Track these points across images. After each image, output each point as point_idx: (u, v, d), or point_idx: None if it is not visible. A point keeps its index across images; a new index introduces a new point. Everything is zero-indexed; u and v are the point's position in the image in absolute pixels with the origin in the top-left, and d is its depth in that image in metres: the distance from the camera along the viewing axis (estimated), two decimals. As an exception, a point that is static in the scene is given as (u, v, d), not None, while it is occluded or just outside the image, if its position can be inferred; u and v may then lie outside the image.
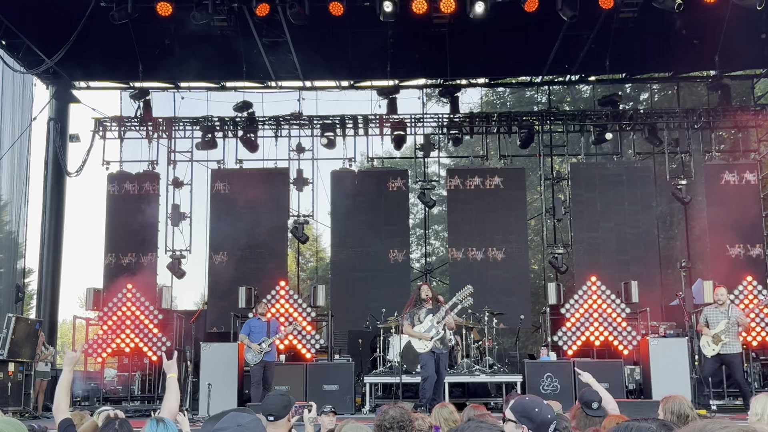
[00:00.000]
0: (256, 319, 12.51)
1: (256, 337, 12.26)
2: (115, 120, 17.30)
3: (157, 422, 3.60)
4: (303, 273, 26.70)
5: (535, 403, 3.69)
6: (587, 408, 5.75)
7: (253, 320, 12.56)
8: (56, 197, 17.01)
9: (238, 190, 16.59)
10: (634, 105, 23.42)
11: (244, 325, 12.63)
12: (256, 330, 12.34)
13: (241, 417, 2.81)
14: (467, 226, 16.66)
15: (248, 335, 12.33)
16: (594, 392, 5.98)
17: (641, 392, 13.30)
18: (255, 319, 12.54)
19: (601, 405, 5.82)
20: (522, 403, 3.74)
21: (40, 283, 16.93)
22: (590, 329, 14.15)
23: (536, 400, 3.72)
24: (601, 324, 14.15)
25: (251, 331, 12.36)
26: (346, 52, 15.82)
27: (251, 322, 12.51)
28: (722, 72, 16.74)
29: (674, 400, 5.27)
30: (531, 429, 3.61)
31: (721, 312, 11.26)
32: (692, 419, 5.18)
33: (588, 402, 5.79)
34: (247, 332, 12.38)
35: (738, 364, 11.35)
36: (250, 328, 12.42)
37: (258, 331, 12.32)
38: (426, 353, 10.39)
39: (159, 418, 3.65)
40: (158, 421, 3.61)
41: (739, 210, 15.83)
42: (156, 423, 3.59)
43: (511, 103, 27.54)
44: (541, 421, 3.59)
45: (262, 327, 12.34)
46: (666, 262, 17.19)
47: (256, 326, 12.39)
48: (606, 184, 16.66)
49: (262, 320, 12.47)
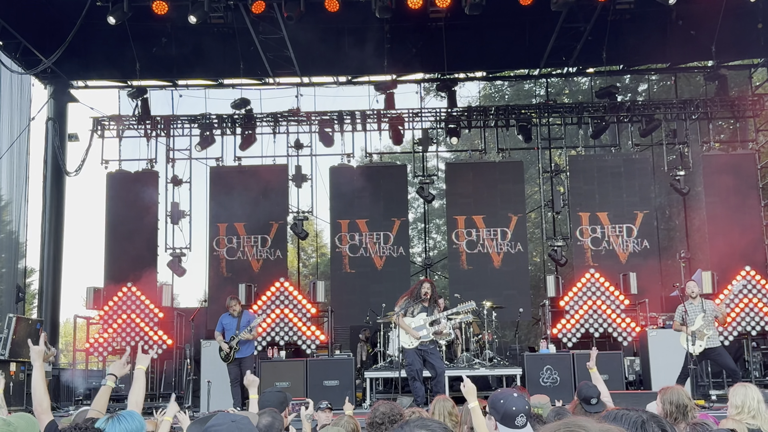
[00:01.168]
0: (228, 315, 12.12)
1: (227, 334, 11.96)
2: (114, 119, 17.33)
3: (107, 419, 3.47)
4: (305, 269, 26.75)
5: (502, 396, 3.77)
6: (586, 404, 5.78)
7: (224, 316, 12.19)
8: (56, 197, 17.04)
9: (237, 187, 16.61)
10: (632, 96, 23.41)
11: (218, 324, 12.26)
12: (227, 327, 11.99)
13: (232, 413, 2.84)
14: (467, 219, 16.67)
15: (222, 332, 12.01)
16: (592, 387, 6.01)
17: (641, 383, 13.35)
18: (226, 315, 12.15)
19: (600, 400, 5.86)
20: (493, 395, 3.83)
21: (41, 283, 16.97)
22: (590, 321, 14.18)
23: (505, 393, 3.79)
24: (600, 316, 14.18)
25: (224, 328, 12.02)
26: (342, 47, 15.83)
27: (223, 319, 12.15)
28: (719, 62, 16.74)
29: (672, 390, 5.29)
30: (497, 420, 3.69)
31: (695, 306, 11.10)
32: (690, 409, 5.21)
33: (587, 398, 5.83)
34: (220, 330, 12.05)
35: (724, 353, 11.24)
36: (222, 325, 12.08)
37: (229, 327, 11.96)
38: (411, 350, 10.40)
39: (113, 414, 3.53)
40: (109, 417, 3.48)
41: (738, 200, 15.85)
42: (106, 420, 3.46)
43: (509, 97, 27.53)
44: (505, 412, 3.67)
45: (232, 323, 11.98)
46: (665, 253, 17.20)
47: (227, 323, 12.04)
48: (604, 176, 16.66)
49: (234, 316, 12.06)
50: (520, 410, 3.70)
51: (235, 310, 12.08)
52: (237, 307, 12.16)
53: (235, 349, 11.77)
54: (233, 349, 11.76)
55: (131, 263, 15.89)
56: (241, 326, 11.84)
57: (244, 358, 11.86)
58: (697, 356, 10.76)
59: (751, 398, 5.23)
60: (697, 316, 10.88)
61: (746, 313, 14.02)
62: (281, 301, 14.41)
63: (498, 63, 17.95)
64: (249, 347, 12.03)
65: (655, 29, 15.83)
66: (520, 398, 3.79)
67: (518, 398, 3.77)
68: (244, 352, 11.90)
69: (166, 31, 15.79)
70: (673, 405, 5.13)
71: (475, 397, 4.49)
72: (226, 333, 11.95)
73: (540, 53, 16.30)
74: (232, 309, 12.06)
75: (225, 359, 11.85)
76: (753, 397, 5.24)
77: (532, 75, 18.96)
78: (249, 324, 11.92)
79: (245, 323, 11.91)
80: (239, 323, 11.88)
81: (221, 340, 11.89)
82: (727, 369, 11.18)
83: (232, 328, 11.86)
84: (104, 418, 3.48)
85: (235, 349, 11.77)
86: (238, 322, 11.91)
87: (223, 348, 11.80)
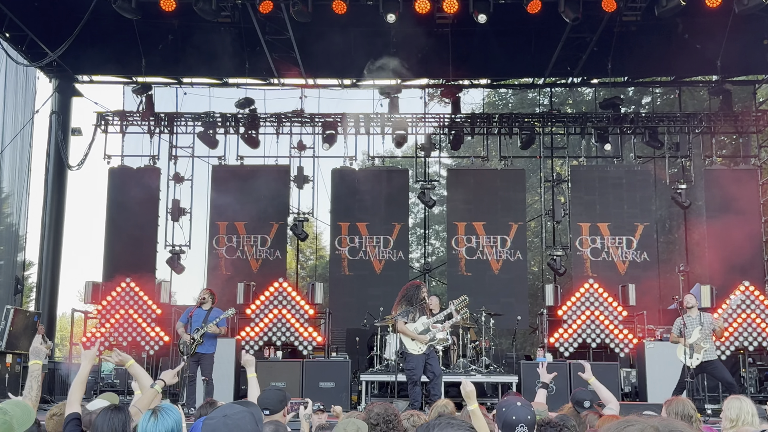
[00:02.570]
0: (198, 308, 11.46)
1: (193, 327, 11.17)
2: (117, 114, 17.35)
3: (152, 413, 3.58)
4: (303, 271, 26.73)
5: (505, 404, 3.75)
6: (579, 407, 5.80)
7: (195, 308, 11.55)
8: (57, 190, 17.04)
9: (239, 186, 16.61)
10: (635, 108, 23.44)
11: (183, 314, 11.60)
12: (194, 318, 11.22)
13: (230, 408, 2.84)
14: (467, 226, 16.68)
15: (186, 324, 11.27)
16: (586, 392, 6.03)
17: (637, 395, 13.34)
18: (196, 308, 11.50)
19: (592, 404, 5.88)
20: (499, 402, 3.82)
21: (39, 276, 16.97)
22: (587, 331, 14.17)
23: (508, 401, 3.77)
24: (598, 326, 14.17)
25: (189, 320, 11.25)
26: (348, 50, 15.84)
27: (191, 310, 11.47)
28: (724, 77, 16.75)
29: (678, 402, 5.30)
30: (499, 426, 3.68)
31: (693, 319, 11.07)
32: (695, 420, 5.23)
33: (580, 401, 5.86)
34: (185, 321, 11.32)
35: (721, 366, 11.22)
36: (188, 317, 11.32)
37: (196, 319, 11.21)
38: (418, 356, 10.33)
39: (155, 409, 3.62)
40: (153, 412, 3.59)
41: (739, 215, 15.86)
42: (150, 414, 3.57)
43: (513, 105, 27.55)
44: (505, 421, 3.65)
45: (200, 316, 11.25)
46: (664, 265, 17.21)
47: (195, 314, 11.29)
48: (606, 187, 16.68)
49: (204, 309, 11.36)
50: (521, 420, 3.63)
51: (207, 304, 11.42)
52: (209, 300, 11.50)
53: (199, 342, 11.06)
54: (196, 342, 11.06)
55: (130, 259, 15.89)
56: (209, 320, 11.16)
57: (205, 354, 11.20)
58: (694, 369, 10.74)
59: (745, 412, 5.27)
60: (695, 329, 10.86)
61: (744, 328, 14.01)
62: (279, 302, 14.38)
63: (503, 71, 17.99)
64: (211, 345, 11.33)
65: (660, 42, 15.86)
66: (523, 408, 3.72)
67: (521, 408, 3.71)
68: (207, 348, 11.22)
69: (172, 29, 15.80)
70: (678, 416, 5.14)
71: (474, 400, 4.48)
72: (191, 325, 11.17)
73: (545, 62, 16.32)
74: (204, 301, 11.41)
75: (185, 351, 11.09)
76: (747, 410, 5.27)
77: (537, 84, 18.97)
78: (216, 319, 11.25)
79: (213, 318, 11.22)
80: (207, 317, 11.21)
81: (183, 332, 11.15)
82: (723, 382, 11.16)
83: (199, 321, 11.16)
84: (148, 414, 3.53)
85: (198, 342, 11.06)
86: (206, 315, 11.24)
87: (185, 339, 11.07)
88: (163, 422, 3.48)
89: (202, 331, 11.08)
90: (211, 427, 2.70)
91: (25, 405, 3.90)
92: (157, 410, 3.53)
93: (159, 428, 3.48)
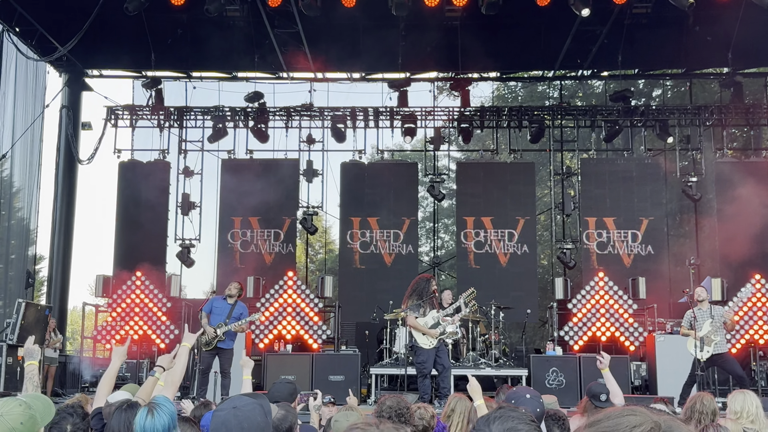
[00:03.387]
0: (221, 299, 11.35)
1: (215, 319, 11.08)
2: (127, 108, 17.39)
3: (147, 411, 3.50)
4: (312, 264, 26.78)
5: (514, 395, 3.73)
6: (596, 400, 5.79)
7: (217, 299, 11.45)
8: (68, 185, 17.10)
9: (249, 180, 16.64)
10: (646, 101, 23.33)
11: (207, 303, 11.51)
12: (217, 311, 11.14)
13: (239, 400, 2.84)
14: (476, 220, 16.66)
15: (209, 314, 11.15)
16: (601, 385, 6.01)
17: (647, 388, 13.32)
18: (220, 299, 11.41)
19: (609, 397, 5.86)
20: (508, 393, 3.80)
21: (50, 270, 17.04)
22: (597, 325, 14.16)
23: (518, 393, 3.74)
24: (608, 320, 14.15)
25: (212, 311, 11.18)
26: (357, 44, 15.82)
27: (215, 301, 11.37)
28: (735, 69, 16.65)
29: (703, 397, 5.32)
30: None
31: (704, 312, 11.04)
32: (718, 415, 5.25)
33: (596, 394, 5.84)
34: (208, 310, 11.20)
35: (731, 359, 11.17)
36: (212, 306, 11.24)
37: (219, 312, 11.12)
38: (428, 350, 10.35)
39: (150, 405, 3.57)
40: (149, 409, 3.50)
41: (750, 208, 15.76)
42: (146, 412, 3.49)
43: (523, 98, 27.48)
44: None
45: (224, 309, 11.15)
46: (675, 259, 17.15)
47: (218, 307, 11.19)
48: (616, 180, 16.62)
49: (229, 302, 11.25)
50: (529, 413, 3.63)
51: (233, 296, 11.34)
52: (236, 294, 11.41)
53: (221, 338, 10.98)
54: (218, 337, 10.97)
55: (140, 253, 15.94)
56: (233, 315, 11.11)
57: (225, 350, 11.07)
58: (704, 362, 10.71)
59: (750, 404, 5.29)
60: (705, 321, 10.82)
61: (754, 321, 13.96)
62: (289, 295, 14.42)
63: (512, 64, 17.93)
64: (231, 340, 11.20)
65: (671, 34, 15.76)
66: (532, 400, 3.70)
67: (530, 400, 3.69)
68: (227, 344, 11.10)
69: (181, 23, 15.82)
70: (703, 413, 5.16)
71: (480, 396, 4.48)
72: (213, 317, 11.11)
73: (555, 55, 16.26)
74: (227, 295, 11.33)
75: (205, 345, 10.99)
76: (752, 402, 5.30)
77: (546, 77, 18.91)
78: (241, 316, 11.18)
79: (237, 314, 11.17)
80: (231, 311, 11.13)
81: (207, 323, 11.00)
82: (734, 375, 11.11)
83: (223, 315, 11.07)
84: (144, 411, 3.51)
85: (220, 338, 10.98)
86: (231, 309, 11.14)
87: (208, 332, 10.91)
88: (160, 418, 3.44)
89: (226, 329, 10.97)
90: (221, 419, 2.71)
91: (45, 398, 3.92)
92: (153, 406, 3.50)
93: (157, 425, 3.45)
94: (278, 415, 3.82)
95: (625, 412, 1.77)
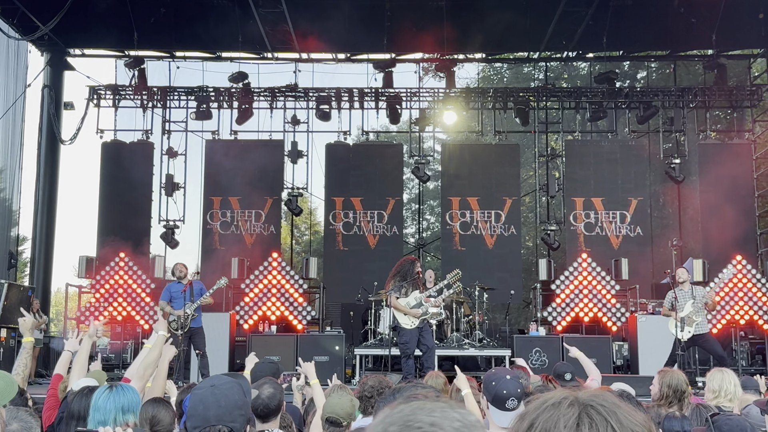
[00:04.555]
0: (176, 283, 11.37)
1: (178, 304, 11.12)
2: (110, 88, 17.24)
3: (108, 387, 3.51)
4: (298, 246, 26.76)
5: (494, 377, 3.72)
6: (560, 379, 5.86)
7: (172, 284, 11.44)
8: (50, 165, 16.98)
9: (232, 161, 16.56)
10: (631, 83, 23.39)
11: (164, 291, 11.48)
12: (176, 296, 11.18)
13: (218, 378, 2.85)
14: (462, 201, 16.69)
15: (169, 302, 11.20)
16: (566, 365, 6.10)
17: (628, 368, 13.45)
18: (174, 283, 11.41)
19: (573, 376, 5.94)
20: (487, 375, 3.80)
21: (33, 251, 16.96)
22: (580, 305, 14.25)
23: (498, 374, 3.73)
24: (591, 300, 14.24)
25: (172, 297, 11.20)
26: (342, 24, 15.74)
27: (171, 287, 11.37)
28: (719, 51, 16.71)
29: (671, 374, 5.33)
30: (489, 400, 3.67)
31: (685, 293, 11.13)
32: (687, 396, 5.27)
33: (560, 374, 5.93)
34: (167, 298, 11.23)
35: (712, 340, 11.29)
36: (170, 293, 11.26)
37: (178, 296, 11.17)
38: (411, 330, 10.38)
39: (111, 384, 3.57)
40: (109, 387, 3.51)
41: (732, 190, 15.89)
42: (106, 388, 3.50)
43: (508, 79, 27.47)
44: (495, 395, 3.63)
45: (181, 291, 11.21)
46: (658, 240, 17.27)
47: (176, 291, 11.22)
48: (600, 162, 16.67)
49: (182, 282, 11.32)
50: (512, 394, 3.59)
51: (183, 277, 11.37)
52: (186, 274, 11.46)
53: (192, 315, 11.03)
54: (190, 316, 11.01)
55: (124, 234, 15.85)
56: (195, 294, 11.11)
57: (197, 328, 11.20)
58: (685, 342, 10.82)
59: (728, 382, 5.33)
60: (687, 302, 10.92)
61: (735, 302, 14.09)
62: (273, 276, 14.41)
63: (498, 45, 17.90)
64: (199, 318, 11.31)
65: (656, 16, 15.79)
66: (513, 381, 3.70)
67: (511, 381, 3.68)
68: (197, 322, 11.23)
69: (165, 2, 15.68)
70: (670, 389, 5.18)
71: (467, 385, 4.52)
72: (174, 302, 11.14)
73: (540, 36, 16.25)
74: (180, 276, 11.34)
75: (179, 328, 10.95)
76: (730, 381, 5.35)
77: (532, 58, 18.90)
78: (202, 291, 11.21)
79: (198, 290, 11.18)
80: (191, 291, 11.12)
81: (171, 309, 11.05)
82: (715, 355, 11.23)
83: (184, 297, 11.08)
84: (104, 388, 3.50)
85: (192, 315, 11.03)
86: (190, 290, 11.14)
87: (178, 315, 10.92)
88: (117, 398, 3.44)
89: (196, 304, 11.04)
90: (199, 396, 2.72)
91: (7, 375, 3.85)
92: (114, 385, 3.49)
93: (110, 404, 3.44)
94: (267, 393, 3.84)
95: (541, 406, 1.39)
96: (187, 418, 2.74)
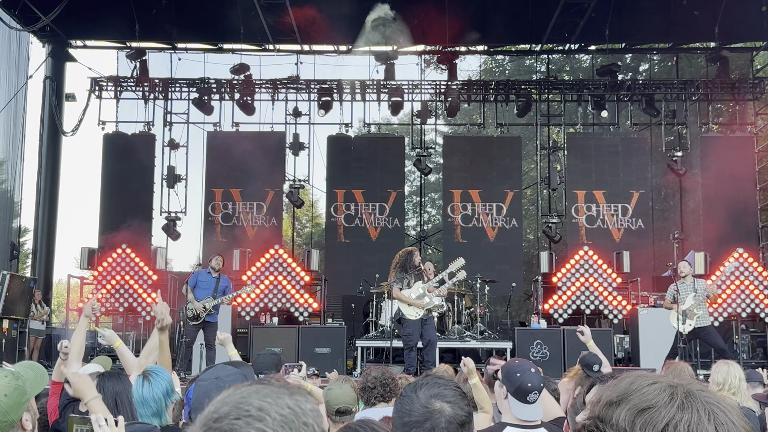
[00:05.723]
0: (206, 273, 11.32)
1: (201, 293, 11.08)
2: (112, 80, 17.22)
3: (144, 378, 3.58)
4: (299, 238, 26.78)
5: (519, 369, 3.71)
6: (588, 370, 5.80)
7: (202, 273, 11.40)
8: (52, 156, 16.98)
9: (234, 153, 16.55)
10: (633, 76, 23.34)
11: (192, 276, 11.42)
12: (202, 285, 11.12)
13: (222, 369, 2.86)
14: (463, 193, 16.68)
15: (194, 288, 11.14)
16: (594, 355, 6.02)
17: (629, 361, 13.47)
18: (204, 273, 11.36)
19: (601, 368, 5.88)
20: (510, 365, 3.80)
21: (35, 242, 16.98)
22: (581, 298, 14.25)
23: (522, 367, 3.73)
24: (592, 293, 14.25)
25: (197, 285, 11.14)
26: (345, 16, 15.70)
27: (199, 275, 11.32)
28: (722, 44, 16.68)
29: (678, 366, 5.31)
30: (510, 391, 3.67)
31: (687, 286, 11.12)
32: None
33: (589, 364, 5.84)
34: (192, 284, 11.16)
35: (713, 332, 11.29)
36: (197, 280, 11.18)
37: (205, 287, 11.11)
38: (415, 321, 10.36)
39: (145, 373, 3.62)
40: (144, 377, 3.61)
41: (734, 183, 15.88)
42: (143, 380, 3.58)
43: (510, 72, 27.42)
44: (519, 386, 3.63)
45: (210, 283, 11.15)
46: (659, 233, 17.27)
47: (204, 281, 11.15)
48: (602, 154, 16.66)
49: (213, 275, 11.25)
50: (535, 387, 3.60)
51: (217, 270, 11.29)
52: (220, 268, 11.38)
53: (210, 311, 11.04)
54: (208, 311, 11.02)
55: (126, 225, 15.84)
56: (219, 289, 11.14)
57: (211, 323, 11.10)
58: (686, 335, 10.82)
59: (732, 376, 5.31)
60: (688, 295, 10.91)
61: (737, 295, 14.09)
62: (275, 268, 14.41)
63: (500, 37, 17.85)
64: (216, 312, 11.30)
65: (658, 8, 15.76)
66: (537, 375, 3.70)
67: (535, 374, 3.69)
68: (213, 317, 11.18)
69: (166, -7, 15.64)
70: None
71: (475, 375, 4.53)
72: (198, 291, 11.09)
73: (542, 29, 16.21)
74: (215, 267, 11.27)
75: (193, 319, 10.99)
76: (735, 374, 5.31)
77: (534, 50, 18.86)
78: (226, 290, 11.27)
79: (223, 287, 11.22)
80: (217, 285, 11.14)
81: (193, 298, 11.03)
82: (716, 348, 11.24)
83: (209, 289, 11.07)
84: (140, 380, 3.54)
85: (209, 311, 11.04)
86: (216, 283, 11.14)
87: (196, 307, 10.94)
88: (158, 385, 3.50)
89: (215, 302, 11.06)
90: (203, 388, 2.72)
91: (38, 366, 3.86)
92: (148, 374, 3.54)
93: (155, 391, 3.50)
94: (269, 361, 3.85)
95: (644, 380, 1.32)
96: (192, 410, 2.75)
